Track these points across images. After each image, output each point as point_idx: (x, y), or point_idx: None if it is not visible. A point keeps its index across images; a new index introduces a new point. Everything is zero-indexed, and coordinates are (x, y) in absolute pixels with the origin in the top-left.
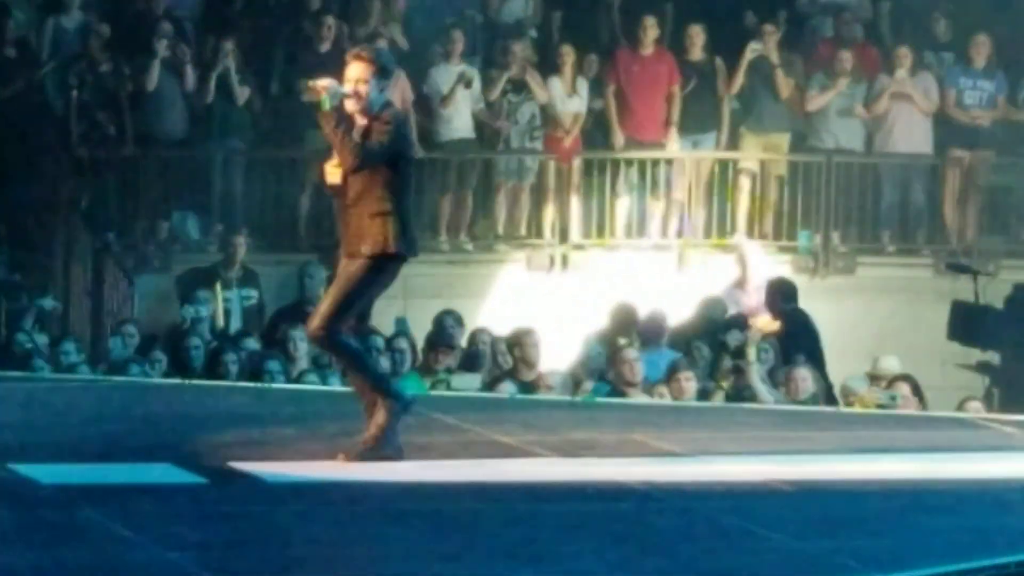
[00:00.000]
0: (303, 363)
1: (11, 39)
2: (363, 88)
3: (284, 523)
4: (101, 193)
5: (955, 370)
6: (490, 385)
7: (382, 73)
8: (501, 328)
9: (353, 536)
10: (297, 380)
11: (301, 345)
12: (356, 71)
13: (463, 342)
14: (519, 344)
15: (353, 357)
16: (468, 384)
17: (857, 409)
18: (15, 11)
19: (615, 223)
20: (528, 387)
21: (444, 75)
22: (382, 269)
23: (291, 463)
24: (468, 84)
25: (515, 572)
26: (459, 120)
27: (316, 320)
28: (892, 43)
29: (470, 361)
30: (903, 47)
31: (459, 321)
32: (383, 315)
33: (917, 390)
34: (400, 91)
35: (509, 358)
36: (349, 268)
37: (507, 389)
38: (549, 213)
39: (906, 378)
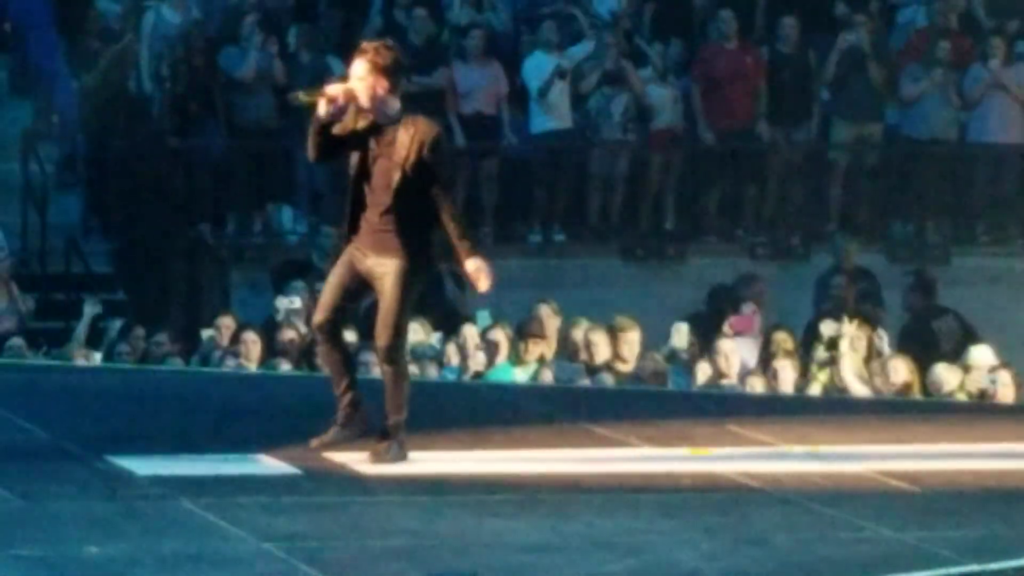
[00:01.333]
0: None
1: (97, 29)
2: (358, 85)
3: (378, 514)
4: (196, 185)
5: None
6: (587, 376)
7: (380, 70)
8: (595, 319)
9: (447, 527)
10: None
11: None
12: (355, 68)
13: (558, 332)
14: (618, 337)
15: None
16: (570, 374)
17: (954, 399)
18: (103, 1)
19: (708, 214)
20: (624, 378)
21: (539, 67)
22: (422, 278)
23: None
24: (564, 76)
25: (608, 563)
26: (554, 112)
27: (385, 336)
28: (990, 27)
29: (568, 352)
30: (997, 37)
31: (555, 311)
32: (473, 306)
33: (1017, 379)
34: (495, 84)
35: (604, 349)
36: (389, 275)
37: (604, 380)
38: (643, 204)
39: (1006, 366)
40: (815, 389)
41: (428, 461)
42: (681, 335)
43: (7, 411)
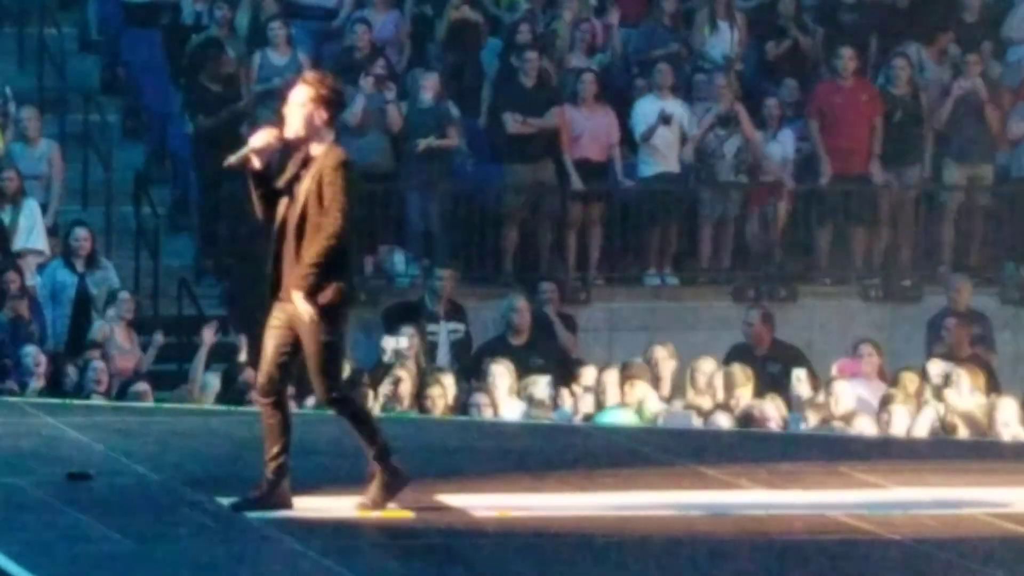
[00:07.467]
0: (502, 396)
1: (222, 75)
2: (297, 112)
3: (488, 556)
4: None
5: None
6: (699, 420)
7: (322, 101)
8: (708, 362)
9: (557, 568)
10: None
11: (500, 381)
12: (296, 95)
13: (673, 375)
14: (729, 379)
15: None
16: (681, 421)
17: None
18: (228, 46)
19: (819, 254)
20: (739, 420)
21: (647, 111)
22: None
23: (496, 496)
24: (668, 122)
25: None
26: (661, 155)
27: (319, 388)
28: None
29: (680, 393)
30: None
31: (671, 354)
32: (584, 350)
33: None
34: (607, 129)
35: (719, 391)
36: (308, 326)
37: (719, 421)
38: (754, 246)
39: None
40: (922, 430)
41: (540, 503)
42: (799, 380)
43: (120, 454)
